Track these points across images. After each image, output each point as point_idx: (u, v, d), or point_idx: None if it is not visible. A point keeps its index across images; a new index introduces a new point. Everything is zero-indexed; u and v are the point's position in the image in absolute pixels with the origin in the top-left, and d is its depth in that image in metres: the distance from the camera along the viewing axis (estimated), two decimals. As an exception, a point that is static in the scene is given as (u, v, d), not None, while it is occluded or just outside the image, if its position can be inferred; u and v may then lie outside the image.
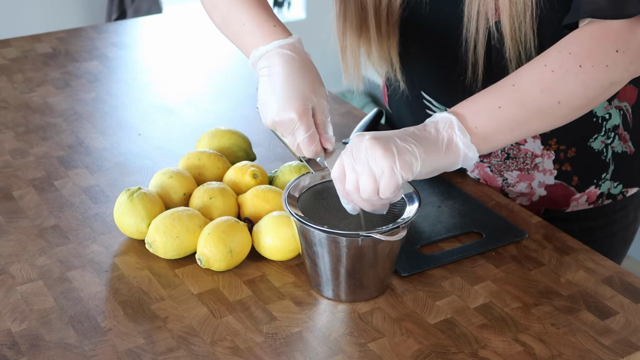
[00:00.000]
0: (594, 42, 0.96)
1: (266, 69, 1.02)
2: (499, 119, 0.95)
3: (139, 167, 1.30)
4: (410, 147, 0.91)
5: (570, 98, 0.96)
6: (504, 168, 1.24)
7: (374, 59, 1.26)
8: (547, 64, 0.96)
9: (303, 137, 0.98)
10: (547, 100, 0.95)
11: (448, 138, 0.93)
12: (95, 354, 0.91)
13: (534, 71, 0.96)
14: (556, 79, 0.95)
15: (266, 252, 1.06)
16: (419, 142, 0.92)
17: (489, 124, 0.95)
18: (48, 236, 1.12)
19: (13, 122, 1.44)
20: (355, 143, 0.92)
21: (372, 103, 3.47)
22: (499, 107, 0.95)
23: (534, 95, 0.95)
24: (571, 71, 0.95)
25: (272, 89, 1.00)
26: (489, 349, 0.93)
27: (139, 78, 1.65)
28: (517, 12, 1.05)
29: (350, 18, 1.22)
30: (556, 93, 0.95)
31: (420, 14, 1.16)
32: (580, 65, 0.95)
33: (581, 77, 0.95)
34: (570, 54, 0.95)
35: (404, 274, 1.04)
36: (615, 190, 1.25)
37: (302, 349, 0.92)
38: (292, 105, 0.98)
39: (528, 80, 0.96)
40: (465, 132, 0.94)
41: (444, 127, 0.94)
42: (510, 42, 1.07)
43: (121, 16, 3.03)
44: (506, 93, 0.96)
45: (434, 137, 0.93)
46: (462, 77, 1.16)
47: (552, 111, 0.96)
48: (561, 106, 0.96)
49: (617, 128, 1.20)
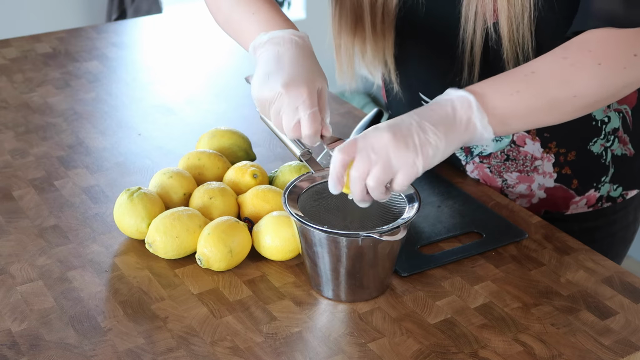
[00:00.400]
0: (613, 44, 0.95)
1: (274, 49, 1.01)
2: (516, 103, 0.95)
3: (139, 167, 1.30)
4: (432, 138, 0.90)
5: (586, 94, 0.96)
6: (503, 169, 1.24)
7: (368, 59, 1.25)
8: (567, 57, 0.95)
9: (308, 112, 0.96)
10: (564, 91, 0.95)
11: (467, 118, 0.92)
12: (95, 354, 0.91)
13: (554, 62, 0.96)
14: (575, 73, 0.95)
15: (266, 252, 1.06)
16: (438, 128, 0.91)
17: (506, 107, 0.94)
18: (48, 236, 1.12)
19: (13, 122, 1.44)
20: (373, 134, 0.90)
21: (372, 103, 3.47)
22: (517, 92, 0.94)
23: (552, 85, 0.95)
24: (589, 67, 0.94)
25: (282, 65, 0.99)
26: (489, 349, 0.93)
27: (139, 78, 1.65)
28: (516, 14, 1.04)
29: (346, 16, 1.22)
30: (573, 86, 0.95)
31: (416, 14, 1.16)
32: (599, 63, 0.94)
33: (599, 74, 0.95)
34: (590, 52, 0.95)
35: (404, 274, 1.04)
36: (615, 193, 1.25)
37: (302, 349, 0.92)
38: (303, 79, 0.97)
39: (548, 70, 0.95)
40: (482, 112, 0.92)
41: (461, 106, 0.92)
42: (508, 44, 1.07)
43: (121, 16, 3.03)
44: (525, 79, 0.95)
45: (451, 117, 0.92)
46: (458, 77, 1.16)
47: (566, 104, 0.96)
48: (576, 99, 0.96)
49: (617, 131, 1.19)
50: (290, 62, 0.99)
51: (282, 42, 1.02)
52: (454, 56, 1.14)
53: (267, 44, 1.03)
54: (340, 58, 1.27)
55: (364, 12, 1.19)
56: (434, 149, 0.90)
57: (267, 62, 1.00)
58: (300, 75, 0.98)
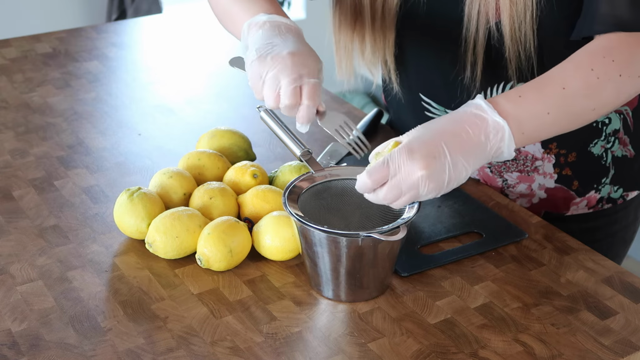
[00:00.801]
0: (631, 52, 0.95)
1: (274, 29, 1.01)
2: (546, 125, 0.95)
3: (139, 167, 1.30)
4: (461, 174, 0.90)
5: (603, 105, 0.96)
6: (504, 169, 1.24)
7: (368, 58, 1.25)
8: (594, 68, 0.95)
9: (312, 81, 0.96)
10: (586, 105, 0.95)
11: (497, 148, 0.92)
12: (95, 354, 0.91)
13: (581, 74, 0.95)
14: (599, 86, 0.94)
15: (266, 252, 1.06)
16: (468, 160, 0.90)
17: (535, 130, 0.95)
18: (48, 236, 1.12)
19: (13, 122, 1.44)
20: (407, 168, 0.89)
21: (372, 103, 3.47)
22: (547, 114, 0.94)
23: (578, 101, 0.95)
24: (612, 80, 0.94)
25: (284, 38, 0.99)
26: (489, 349, 0.93)
27: (139, 78, 1.65)
28: (518, 13, 1.04)
29: (345, 12, 1.21)
30: (594, 100, 0.95)
31: (417, 14, 1.16)
32: (620, 74, 0.94)
33: (618, 86, 0.95)
34: (613, 62, 0.95)
35: (404, 274, 1.04)
36: (615, 194, 1.25)
37: (302, 349, 0.92)
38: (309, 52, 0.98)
39: (576, 85, 0.95)
40: (513, 141, 0.92)
41: (494, 136, 0.92)
42: (510, 42, 1.07)
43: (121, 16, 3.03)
44: (557, 98, 0.94)
45: (483, 147, 0.91)
46: (461, 77, 1.16)
47: (584, 115, 0.97)
48: (594, 112, 0.96)
49: (617, 132, 1.19)
50: (293, 39, 1.00)
51: (282, 25, 1.03)
52: (456, 55, 1.14)
53: (266, 24, 1.03)
54: (340, 54, 1.27)
55: (363, 9, 1.19)
56: (459, 182, 0.91)
57: (269, 35, 1.00)
58: (306, 49, 0.99)
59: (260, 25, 1.03)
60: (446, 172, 0.90)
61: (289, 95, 0.97)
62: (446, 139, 0.90)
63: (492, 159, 0.94)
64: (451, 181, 0.90)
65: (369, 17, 1.19)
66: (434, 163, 0.89)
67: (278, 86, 0.97)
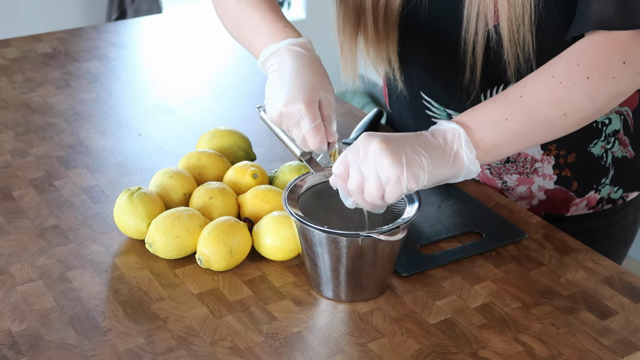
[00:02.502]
0: (602, 53, 0.95)
1: (276, 65, 1.02)
2: (505, 131, 0.95)
3: (139, 167, 1.30)
4: (420, 158, 0.90)
5: (577, 110, 0.95)
6: (503, 171, 1.24)
7: (372, 57, 1.26)
8: (555, 75, 0.95)
9: (309, 127, 0.97)
10: (553, 112, 0.95)
11: (455, 151, 0.93)
12: (95, 354, 0.91)
13: (542, 82, 0.96)
14: (564, 91, 0.94)
15: (266, 252, 1.06)
16: (428, 152, 0.91)
17: (495, 137, 0.95)
18: (48, 236, 1.12)
19: (13, 122, 1.44)
20: (362, 143, 0.91)
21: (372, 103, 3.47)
22: (505, 120, 0.95)
23: (541, 107, 0.95)
24: (579, 83, 0.94)
25: (281, 83, 1.00)
26: (489, 349, 0.93)
27: (139, 78, 1.65)
28: (516, 15, 1.04)
29: (349, 14, 1.22)
30: (563, 105, 0.95)
31: (419, 15, 1.16)
32: (588, 77, 0.94)
33: (588, 88, 0.94)
34: (578, 65, 0.94)
35: (404, 274, 1.04)
36: (615, 195, 1.25)
37: (302, 349, 0.92)
38: (300, 96, 0.97)
39: (535, 92, 0.95)
40: (471, 147, 0.93)
41: (451, 139, 0.93)
42: (509, 45, 1.07)
43: (121, 16, 3.03)
44: (513, 104, 0.95)
45: (442, 148, 0.93)
46: (460, 78, 1.16)
47: (557, 123, 0.96)
48: (567, 118, 0.95)
49: (617, 133, 1.19)
50: (288, 79, 1.00)
51: (281, 55, 1.03)
52: (456, 57, 1.14)
53: (269, 59, 1.04)
54: (344, 55, 1.27)
55: (366, 10, 1.19)
56: (421, 169, 0.90)
57: (271, 84, 1.02)
58: (299, 90, 0.99)
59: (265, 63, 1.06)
60: (404, 152, 0.89)
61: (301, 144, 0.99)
62: (404, 136, 0.93)
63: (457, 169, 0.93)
64: (411, 164, 0.89)
65: (371, 18, 1.19)
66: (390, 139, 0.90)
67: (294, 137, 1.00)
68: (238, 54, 1.77)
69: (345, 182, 0.93)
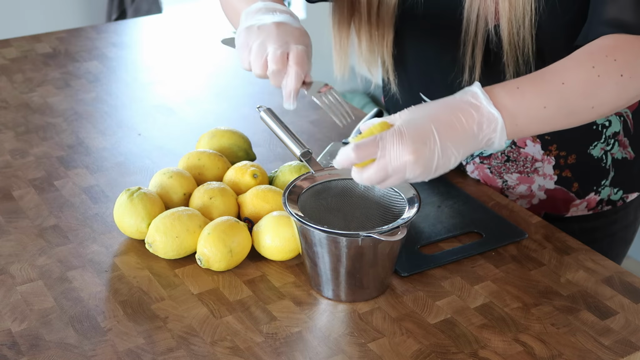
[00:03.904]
0: (634, 52, 0.95)
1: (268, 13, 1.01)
2: (539, 118, 0.94)
3: (139, 167, 1.30)
4: (450, 161, 0.89)
5: (602, 104, 0.95)
6: (503, 170, 1.24)
7: (365, 56, 1.25)
8: (595, 66, 0.94)
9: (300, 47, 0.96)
10: (584, 103, 0.94)
11: (488, 139, 0.91)
12: (95, 354, 0.91)
13: (583, 71, 0.94)
14: (599, 85, 0.94)
15: (266, 252, 1.06)
16: (458, 149, 0.89)
17: (529, 123, 0.93)
18: (48, 236, 1.12)
19: (13, 122, 1.44)
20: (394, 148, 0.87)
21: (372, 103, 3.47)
22: (544, 108, 0.93)
23: (577, 97, 0.94)
24: (613, 79, 0.93)
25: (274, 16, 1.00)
26: (489, 349, 0.93)
27: (139, 78, 1.65)
28: (517, 17, 1.04)
29: (342, 7, 1.21)
30: (594, 98, 0.94)
31: (415, 15, 1.15)
32: (621, 74, 0.93)
33: (619, 86, 0.94)
34: (615, 61, 0.94)
35: (404, 274, 1.04)
36: (615, 197, 1.25)
37: (302, 349, 0.92)
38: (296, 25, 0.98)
39: (576, 81, 0.94)
40: (504, 134, 0.91)
41: (487, 127, 0.90)
42: (508, 47, 1.07)
43: (121, 16, 3.03)
44: (555, 92, 0.93)
45: (474, 136, 0.90)
46: (459, 79, 1.15)
47: (581, 114, 0.96)
48: (593, 111, 0.95)
49: (617, 135, 1.19)
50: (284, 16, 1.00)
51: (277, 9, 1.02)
52: (455, 58, 1.14)
53: (261, 10, 1.03)
54: (336, 49, 1.27)
55: (360, 5, 1.19)
56: (447, 169, 0.90)
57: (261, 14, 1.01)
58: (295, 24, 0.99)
59: (255, 11, 1.03)
60: (434, 159, 0.88)
61: (275, 60, 0.96)
62: (438, 126, 0.89)
63: (483, 148, 0.93)
64: (439, 167, 0.89)
65: (365, 13, 1.19)
66: (423, 149, 0.87)
67: (265, 53, 0.97)
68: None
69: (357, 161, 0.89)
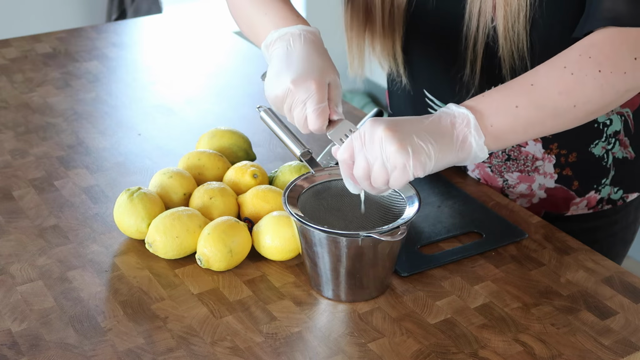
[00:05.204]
0: (613, 48, 0.95)
1: (284, 47, 1.01)
2: (514, 118, 0.94)
3: (139, 167, 1.30)
4: (426, 145, 0.90)
5: (586, 102, 0.95)
6: (504, 169, 1.24)
7: (378, 53, 1.26)
8: (566, 66, 0.95)
9: (315, 107, 0.96)
10: (563, 102, 0.94)
11: (463, 136, 0.92)
12: (95, 354, 0.91)
13: (553, 72, 0.95)
14: (574, 82, 0.94)
15: (266, 252, 1.06)
16: (435, 139, 0.91)
17: (504, 123, 0.94)
18: (48, 236, 1.12)
19: (13, 122, 1.44)
20: (368, 129, 0.91)
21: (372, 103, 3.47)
22: (515, 107, 0.94)
23: (551, 96, 0.94)
24: (590, 75, 0.94)
25: (289, 62, 0.99)
26: (489, 349, 0.93)
27: (139, 78, 1.65)
28: (512, 12, 1.05)
29: (357, 10, 1.22)
30: (573, 96, 0.94)
31: (426, 10, 1.16)
32: (599, 70, 0.94)
33: (599, 81, 0.94)
34: (590, 58, 0.94)
35: (404, 274, 1.04)
36: (615, 196, 1.25)
37: (302, 349, 0.92)
38: (311, 75, 0.97)
39: (547, 81, 0.95)
40: (480, 132, 0.93)
41: (460, 124, 0.93)
42: (504, 42, 1.08)
43: (121, 16, 3.03)
44: (524, 92, 0.95)
45: (450, 133, 0.92)
46: (460, 74, 1.16)
47: (566, 114, 0.96)
48: (576, 109, 0.95)
49: (618, 134, 1.19)
50: (298, 58, 1.00)
51: (292, 38, 1.02)
52: (457, 52, 1.14)
53: (277, 42, 1.03)
54: (352, 51, 1.27)
55: (374, 7, 1.19)
56: (427, 157, 0.90)
57: (278, 60, 1.01)
58: (309, 70, 0.98)
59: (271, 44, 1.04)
60: (409, 140, 0.89)
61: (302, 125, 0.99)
62: (411, 120, 0.93)
63: (464, 154, 0.93)
64: (417, 152, 0.89)
65: (380, 14, 1.19)
66: (396, 127, 0.90)
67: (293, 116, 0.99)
68: (238, 54, 1.77)
69: (351, 169, 0.93)
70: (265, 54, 1.06)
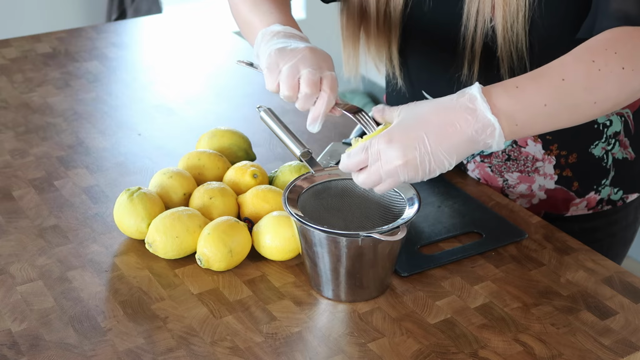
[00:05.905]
0: (634, 44, 0.94)
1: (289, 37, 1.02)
2: (539, 116, 0.92)
3: (139, 167, 1.30)
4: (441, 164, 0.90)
5: (605, 99, 0.93)
6: (504, 169, 1.24)
7: (373, 54, 1.26)
8: (595, 60, 0.92)
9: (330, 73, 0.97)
10: (586, 98, 0.93)
11: (485, 142, 0.90)
12: (95, 354, 0.91)
13: (582, 66, 0.93)
14: (600, 78, 0.92)
15: (266, 252, 1.06)
16: (451, 155, 0.90)
17: (529, 122, 0.92)
18: (48, 236, 1.12)
19: (13, 122, 1.44)
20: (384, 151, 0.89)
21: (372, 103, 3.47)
22: (544, 105, 0.91)
23: (577, 93, 0.92)
24: (615, 72, 0.92)
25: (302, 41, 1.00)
26: (489, 349, 0.93)
27: (139, 78, 1.65)
28: (511, 12, 1.05)
29: (352, 10, 1.22)
30: (595, 93, 0.93)
31: (422, 11, 1.16)
32: (623, 67, 0.92)
33: (621, 79, 0.92)
34: (616, 54, 0.92)
35: (404, 274, 1.04)
36: (615, 196, 1.25)
37: (302, 349, 0.92)
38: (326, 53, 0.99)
39: (576, 76, 0.92)
40: (503, 137, 0.90)
41: (483, 131, 0.90)
42: (502, 42, 1.07)
43: (121, 16, 3.03)
44: (554, 89, 0.92)
45: (470, 140, 0.90)
46: (458, 73, 1.16)
47: (584, 110, 0.94)
48: (595, 106, 0.94)
49: (618, 134, 1.19)
50: (307, 44, 1.01)
51: (296, 35, 1.03)
52: (455, 52, 1.14)
53: (280, 33, 1.03)
54: (347, 51, 1.27)
55: (369, 7, 1.19)
56: (440, 171, 0.91)
57: (285, 40, 1.01)
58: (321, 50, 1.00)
59: (274, 34, 1.04)
60: (426, 163, 0.89)
61: (310, 83, 0.96)
62: (429, 130, 0.89)
63: (478, 150, 0.93)
64: (432, 171, 0.90)
65: (374, 15, 1.19)
66: (413, 153, 0.89)
67: (297, 75, 0.97)
68: (238, 54, 1.77)
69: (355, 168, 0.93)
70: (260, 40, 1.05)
